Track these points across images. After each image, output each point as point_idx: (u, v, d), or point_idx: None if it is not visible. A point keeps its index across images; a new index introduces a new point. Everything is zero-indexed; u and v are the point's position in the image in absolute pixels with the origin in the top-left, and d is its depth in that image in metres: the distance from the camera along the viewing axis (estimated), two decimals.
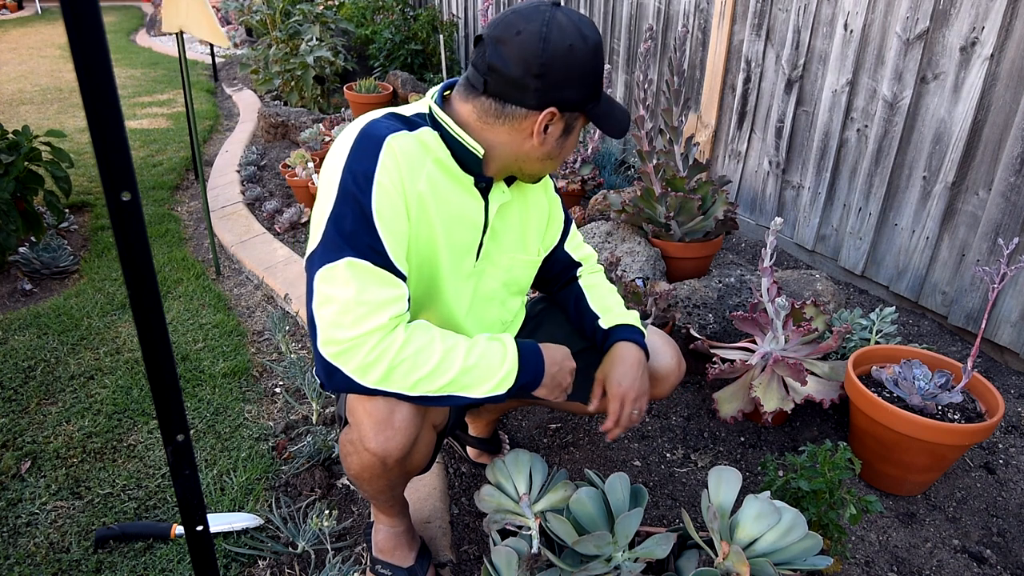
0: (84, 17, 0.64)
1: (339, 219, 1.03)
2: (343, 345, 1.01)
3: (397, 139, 1.07)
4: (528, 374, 1.14)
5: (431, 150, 1.12)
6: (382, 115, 1.13)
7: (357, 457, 1.16)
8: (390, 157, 1.05)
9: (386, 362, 1.02)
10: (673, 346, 1.43)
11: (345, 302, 1.01)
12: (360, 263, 1.02)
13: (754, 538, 1.13)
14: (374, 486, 1.24)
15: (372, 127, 1.08)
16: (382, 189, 1.04)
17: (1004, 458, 1.88)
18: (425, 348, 1.05)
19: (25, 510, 1.66)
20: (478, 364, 1.09)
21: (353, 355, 1.01)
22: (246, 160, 4.19)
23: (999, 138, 2.14)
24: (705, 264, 2.66)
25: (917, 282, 2.49)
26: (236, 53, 7.44)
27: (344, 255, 1.01)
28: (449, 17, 5.68)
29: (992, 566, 1.55)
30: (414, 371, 1.04)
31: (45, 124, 4.88)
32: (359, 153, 1.05)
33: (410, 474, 1.26)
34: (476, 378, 1.09)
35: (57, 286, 2.81)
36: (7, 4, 10.77)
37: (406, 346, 1.04)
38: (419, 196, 1.10)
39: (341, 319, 1.01)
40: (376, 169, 1.04)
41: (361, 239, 1.02)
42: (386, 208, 1.04)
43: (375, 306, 1.02)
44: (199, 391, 2.12)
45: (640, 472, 1.80)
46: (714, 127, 3.26)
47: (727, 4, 3.02)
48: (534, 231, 1.35)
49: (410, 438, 1.12)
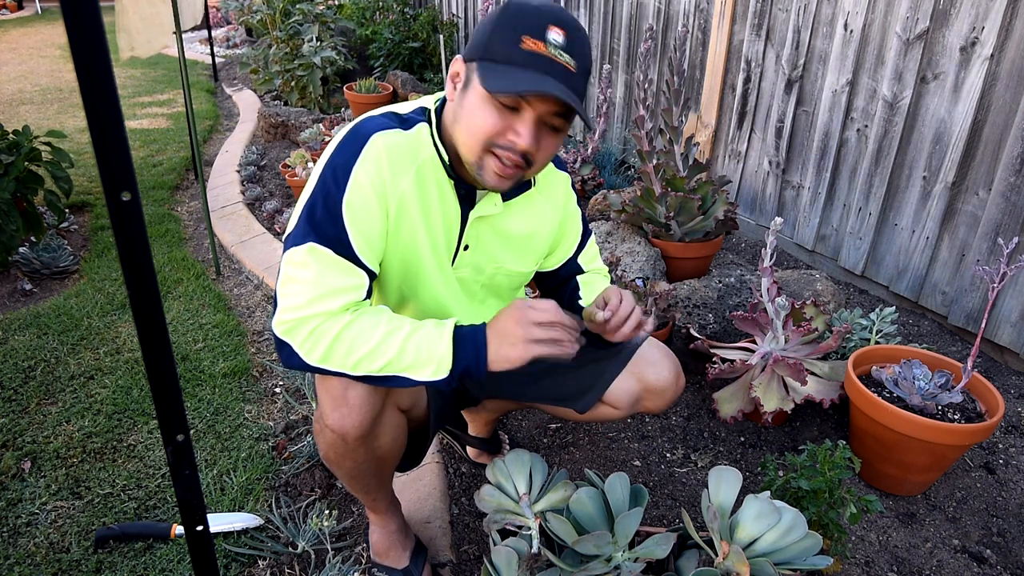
0: (84, 17, 0.64)
1: (312, 207, 1.06)
2: (291, 324, 1.04)
3: (384, 137, 1.09)
4: (465, 359, 1.06)
5: (422, 150, 1.13)
6: (380, 113, 1.15)
7: (322, 436, 1.18)
8: (372, 154, 1.07)
9: (327, 340, 1.03)
10: (672, 360, 1.39)
11: (303, 283, 1.04)
12: (322, 250, 1.05)
13: (754, 538, 1.13)
14: (344, 468, 1.23)
15: (363, 124, 1.11)
16: (356, 184, 1.06)
17: (1004, 458, 1.88)
18: (367, 329, 1.05)
19: (25, 510, 1.66)
20: (418, 347, 1.06)
21: (298, 332, 1.04)
22: (246, 160, 4.19)
23: (999, 138, 2.14)
24: (705, 264, 2.66)
25: (917, 282, 2.49)
26: (236, 53, 7.44)
27: (308, 240, 1.05)
28: (449, 17, 5.68)
29: (992, 566, 1.55)
30: (353, 351, 1.04)
31: (45, 124, 4.88)
32: (344, 148, 1.08)
33: (384, 460, 1.25)
34: (416, 360, 1.06)
35: (57, 286, 2.81)
36: (7, 4, 10.77)
37: (349, 326, 1.04)
38: (401, 195, 1.11)
39: (296, 299, 1.04)
40: (355, 165, 1.07)
41: (327, 228, 1.05)
42: (357, 202, 1.06)
43: (330, 292, 1.04)
44: (199, 391, 2.12)
45: (640, 472, 1.80)
46: (714, 127, 3.26)
47: (727, 4, 3.02)
48: (536, 246, 1.32)
49: (366, 416, 1.13)
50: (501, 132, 1.05)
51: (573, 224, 1.38)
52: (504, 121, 1.04)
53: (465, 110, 1.07)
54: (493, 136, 1.05)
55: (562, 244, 1.39)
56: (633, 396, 1.37)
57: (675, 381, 1.37)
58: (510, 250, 1.29)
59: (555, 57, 1.00)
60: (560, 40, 1.00)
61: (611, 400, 1.38)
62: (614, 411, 1.40)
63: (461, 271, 1.25)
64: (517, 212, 1.26)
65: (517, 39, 1.00)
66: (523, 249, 1.31)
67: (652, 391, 1.37)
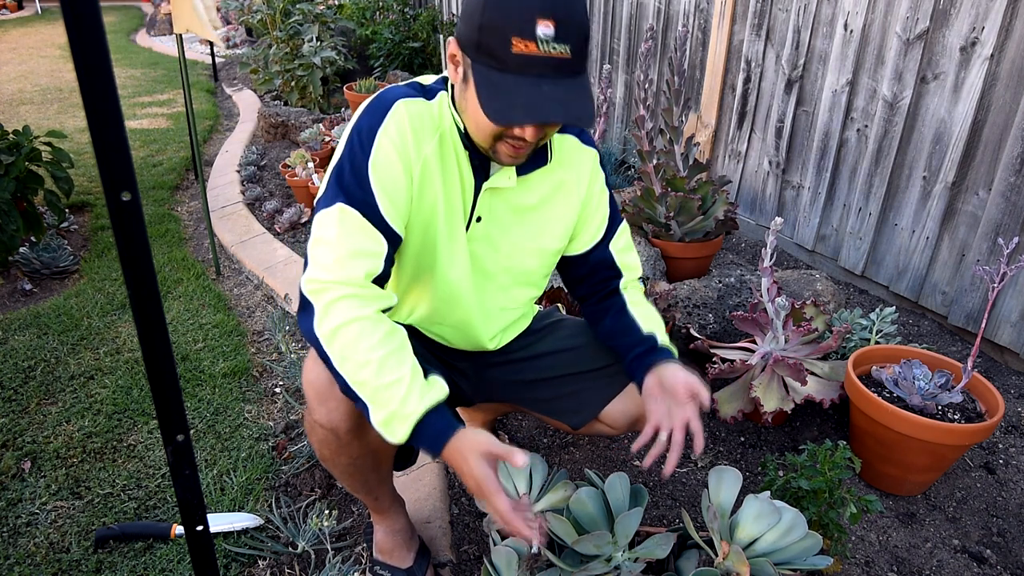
0: (84, 17, 0.64)
1: (340, 170, 1.09)
2: (319, 284, 1.06)
3: (408, 104, 1.11)
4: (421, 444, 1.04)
5: (443, 118, 1.15)
6: (404, 83, 1.17)
7: (314, 434, 1.18)
8: (395, 120, 1.10)
9: (340, 319, 1.03)
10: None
11: (328, 244, 1.06)
12: (350, 211, 1.07)
13: (754, 538, 1.13)
14: (340, 464, 1.22)
15: (387, 92, 1.14)
16: (381, 148, 1.08)
17: (1004, 458, 1.88)
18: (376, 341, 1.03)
19: (25, 510, 1.66)
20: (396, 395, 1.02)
21: (323, 295, 1.05)
22: (246, 160, 4.19)
23: (999, 138, 2.14)
24: (705, 264, 2.66)
25: (917, 282, 2.49)
26: (236, 53, 7.44)
27: (338, 201, 1.07)
28: (449, 17, 5.67)
29: (992, 566, 1.55)
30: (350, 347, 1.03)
31: (45, 124, 4.88)
32: (368, 114, 1.11)
33: (379, 453, 1.24)
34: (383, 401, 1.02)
35: (57, 286, 2.81)
36: (7, 4, 10.77)
37: (363, 323, 1.03)
38: (425, 160, 1.12)
39: (324, 259, 1.06)
40: (380, 129, 1.09)
41: (355, 190, 1.07)
42: (382, 165, 1.08)
43: (352, 253, 1.06)
44: (199, 391, 2.12)
45: (640, 472, 1.80)
46: (714, 127, 3.26)
47: (727, 4, 3.02)
48: (554, 223, 1.27)
49: (354, 408, 1.12)
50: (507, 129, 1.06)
51: (599, 205, 1.31)
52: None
53: (470, 108, 1.07)
54: (499, 132, 1.07)
55: (587, 226, 1.31)
56: (631, 418, 1.35)
57: None
58: (525, 225, 1.25)
59: (548, 53, 0.99)
60: (550, 32, 0.98)
61: (608, 420, 1.37)
62: (610, 429, 1.39)
63: (476, 245, 1.22)
64: (533, 186, 1.23)
65: (507, 41, 0.97)
66: (539, 225, 1.26)
67: None
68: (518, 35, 0.97)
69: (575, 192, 1.27)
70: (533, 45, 0.98)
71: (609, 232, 1.33)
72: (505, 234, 1.24)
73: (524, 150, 1.10)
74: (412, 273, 1.24)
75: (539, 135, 1.06)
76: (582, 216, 1.30)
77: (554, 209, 1.26)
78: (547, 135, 1.12)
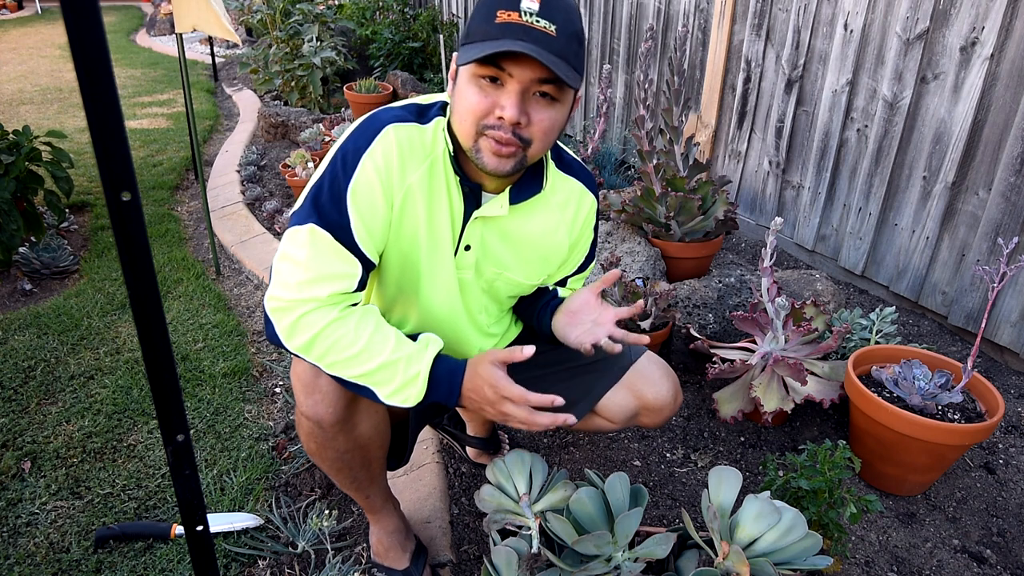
0: (84, 17, 0.64)
1: (319, 189, 1.07)
2: (282, 303, 1.05)
3: (398, 129, 1.10)
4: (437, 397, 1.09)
5: (435, 144, 1.13)
6: (400, 104, 1.15)
7: (300, 426, 1.18)
8: (383, 145, 1.08)
9: (310, 332, 1.04)
10: (671, 378, 1.36)
11: (297, 264, 1.05)
12: (321, 232, 1.05)
13: (754, 538, 1.13)
14: (327, 459, 1.22)
15: (380, 113, 1.12)
16: (364, 172, 1.07)
17: (1004, 458, 1.88)
18: (351, 332, 1.05)
19: (25, 510, 1.66)
20: (395, 372, 1.05)
21: (286, 315, 1.05)
22: (246, 160, 4.19)
23: (999, 138, 2.14)
24: (705, 264, 2.66)
25: (917, 282, 2.49)
26: (236, 53, 7.44)
27: (310, 221, 1.05)
28: (449, 17, 5.68)
29: (992, 566, 1.55)
30: (332, 351, 1.04)
31: (45, 124, 4.88)
32: (357, 135, 1.10)
33: (368, 449, 1.24)
34: (389, 381, 1.06)
35: (57, 286, 2.81)
36: (7, 4, 10.77)
37: (334, 324, 1.05)
38: (408, 188, 1.11)
39: (289, 279, 1.05)
40: (365, 153, 1.07)
41: (330, 212, 1.06)
42: (362, 190, 1.07)
43: (321, 277, 1.05)
44: (199, 391, 2.12)
45: (640, 472, 1.80)
46: (714, 127, 3.26)
47: (727, 4, 3.02)
48: (544, 255, 1.29)
49: (339, 401, 1.13)
50: (488, 110, 1.03)
51: (582, 251, 1.35)
52: (489, 98, 1.03)
53: (456, 97, 1.08)
54: (481, 116, 1.04)
55: (564, 267, 1.35)
56: (629, 412, 1.36)
57: (673, 400, 1.36)
58: (516, 256, 1.25)
59: (531, 24, 0.98)
60: (534, 7, 0.98)
61: (606, 414, 1.37)
62: (609, 424, 1.39)
63: (464, 272, 1.23)
64: (527, 217, 1.23)
65: (492, 15, 1.00)
66: (530, 256, 1.26)
67: (650, 409, 1.35)
68: (502, 7, 0.99)
69: (568, 234, 1.29)
70: (516, 15, 0.99)
71: (576, 272, 1.38)
72: (495, 263, 1.25)
73: (507, 148, 1.04)
74: (394, 294, 1.25)
75: (519, 112, 1.01)
76: (566, 258, 1.34)
77: (545, 240, 1.27)
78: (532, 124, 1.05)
